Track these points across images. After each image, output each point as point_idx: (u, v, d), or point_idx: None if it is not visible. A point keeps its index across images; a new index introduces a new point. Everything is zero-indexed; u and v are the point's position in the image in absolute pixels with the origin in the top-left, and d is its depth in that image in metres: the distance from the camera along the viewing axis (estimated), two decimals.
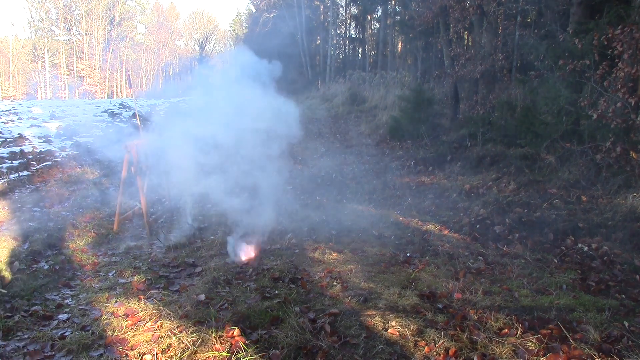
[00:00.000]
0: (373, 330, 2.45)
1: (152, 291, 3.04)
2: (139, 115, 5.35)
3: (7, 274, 3.22)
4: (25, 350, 2.32)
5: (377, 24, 30.72)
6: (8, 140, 8.28)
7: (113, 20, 45.54)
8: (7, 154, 7.22)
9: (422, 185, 6.14)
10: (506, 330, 2.38)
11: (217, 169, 7.45)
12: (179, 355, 2.26)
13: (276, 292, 2.98)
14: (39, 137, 8.96)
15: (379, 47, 24.60)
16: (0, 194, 5.16)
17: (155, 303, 2.81)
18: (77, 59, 43.35)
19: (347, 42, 37.68)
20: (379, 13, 25.00)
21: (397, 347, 2.30)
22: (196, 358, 2.25)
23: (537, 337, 2.29)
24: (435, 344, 2.29)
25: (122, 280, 3.20)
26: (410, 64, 22.96)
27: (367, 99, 16.77)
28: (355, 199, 5.58)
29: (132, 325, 2.55)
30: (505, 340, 2.29)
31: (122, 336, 2.44)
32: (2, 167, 6.38)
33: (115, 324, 2.57)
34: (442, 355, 2.21)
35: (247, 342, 2.36)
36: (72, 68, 43.19)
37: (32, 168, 6.44)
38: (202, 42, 53.64)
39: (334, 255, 3.76)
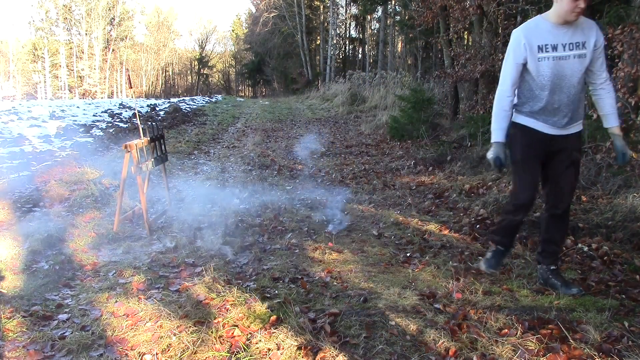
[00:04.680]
0: (373, 330, 2.45)
1: (152, 291, 3.04)
2: (139, 115, 5.35)
3: (7, 274, 3.22)
4: (25, 350, 2.32)
5: (377, 24, 30.73)
6: (8, 140, 8.28)
7: (113, 20, 45.54)
8: (7, 154, 7.22)
9: (422, 185, 6.14)
10: (506, 330, 2.38)
11: (218, 168, 7.46)
12: (179, 355, 2.26)
13: (276, 292, 2.99)
14: (39, 137, 8.96)
15: (379, 47, 24.61)
16: (0, 194, 5.16)
17: (155, 303, 2.81)
18: (77, 59, 43.35)
19: (347, 42, 37.71)
20: (379, 13, 24.99)
21: (397, 347, 2.30)
22: (196, 358, 2.25)
23: (537, 337, 2.29)
24: (435, 344, 2.29)
25: (122, 280, 3.20)
26: (410, 64, 22.98)
27: (367, 99, 16.78)
28: (355, 199, 5.58)
29: (132, 325, 2.55)
30: (505, 340, 2.29)
31: (122, 336, 2.44)
32: (2, 167, 6.38)
33: (115, 324, 2.57)
34: (442, 355, 2.21)
35: (247, 342, 2.36)
36: (72, 68, 43.19)
37: (32, 168, 6.44)
38: (202, 42, 53.62)
39: (334, 255, 3.76)
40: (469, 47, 14.58)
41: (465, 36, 17.22)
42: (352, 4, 33.09)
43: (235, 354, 2.27)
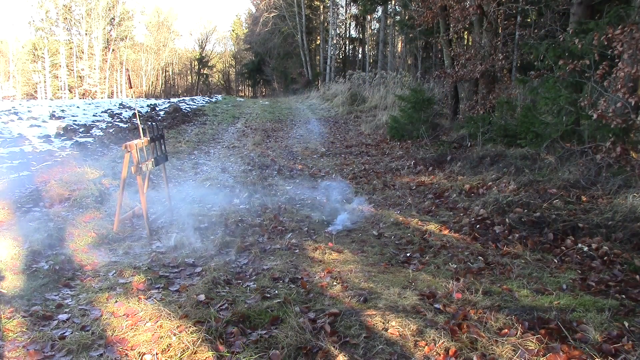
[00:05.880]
0: (373, 330, 2.45)
1: (152, 291, 3.04)
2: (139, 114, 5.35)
3: (7, 274, 3.22)
4: (25, 350, 2.32)
5: (377, 24, 30.72)
6: (8, 140, 8.28)
7: (113, 20, 45.52)
8: (7, 154, 7.22)
9: (422, 185, 6.14)
10: (506, 330, 2.38)
11: (218, 168, 7.45)
12: (179, 355, 2.26)
13: (276, 292, 2.99)
14: (39, 137, 8.96)
15: (379, 47, 24.60)
16: (0, 194, 5.16)
17: (155, 303, 2.81)
18: (77, 59, 43.34)
19: (347, 42, 37.70)
20: (379, 13, 24.99)
21: (397, 347, 2.30)
22: (196, 358, 2.25)
23: (537, 337, 2.29)
24: (435, 344, 2.29)
25: (122, 280, 3.20)
26: (410, 64, 22.99)
27: (367, 99, 16.77)
28: (356, 199, 5.58)
29: (132, 325, 2.55)
30: (505, 340, 2.29)
31: (122, 336, 2.44)
32: (2, 167, 6.38)
33: (115, 324, 2.57)
34: (442, 355, 2.21)
35: (247, 342, 2.36)
36: (72, 68, 43.17)
37: (32, 168, 6.44)
38: (202, 42, 53.63)
39: (334, 255, 3.76)
40: (469, 47, 14.59)
41: (465, 36, 17.23)
42: (352, 4, 33.08)
43: (236, 354, 2.27)
